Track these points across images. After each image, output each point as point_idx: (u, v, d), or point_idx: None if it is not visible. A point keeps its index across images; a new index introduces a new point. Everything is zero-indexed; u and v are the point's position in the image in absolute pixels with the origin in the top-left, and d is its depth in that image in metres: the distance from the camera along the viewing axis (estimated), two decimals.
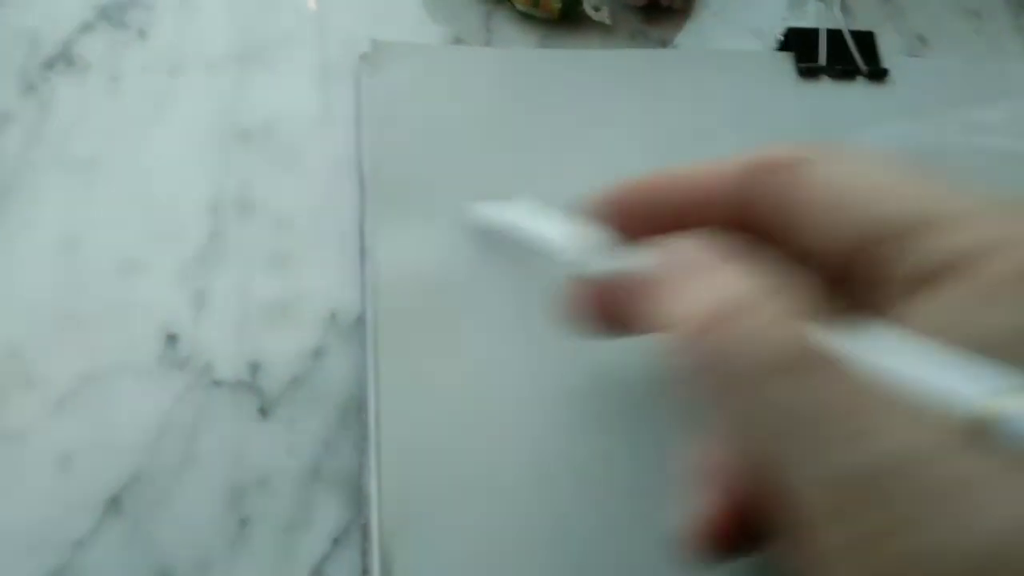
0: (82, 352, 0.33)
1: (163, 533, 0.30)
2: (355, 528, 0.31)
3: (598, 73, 0.41)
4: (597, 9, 0.45)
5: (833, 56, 0.43)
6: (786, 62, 0.43)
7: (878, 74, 0.43)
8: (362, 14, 0.43)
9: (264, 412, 0.33)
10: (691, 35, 0.46)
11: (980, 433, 0.17)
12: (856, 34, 0.44)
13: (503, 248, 0.34)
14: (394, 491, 0.30)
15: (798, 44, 0.43)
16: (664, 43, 0.45)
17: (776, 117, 0.41)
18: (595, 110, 0.40)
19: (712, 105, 0.41)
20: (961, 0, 0.49)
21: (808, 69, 0.42)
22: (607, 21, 0.45)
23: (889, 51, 0.45)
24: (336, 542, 0.31)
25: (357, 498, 0.31)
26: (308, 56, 0.42)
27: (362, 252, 0.36)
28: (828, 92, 0.42)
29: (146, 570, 0.30)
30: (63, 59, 0.41)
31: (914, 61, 0.45)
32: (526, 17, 0.45)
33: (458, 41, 0.43)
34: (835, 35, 0.43)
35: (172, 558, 0.30)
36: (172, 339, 0.34)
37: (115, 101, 0.40)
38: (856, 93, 0.42)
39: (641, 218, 0.27)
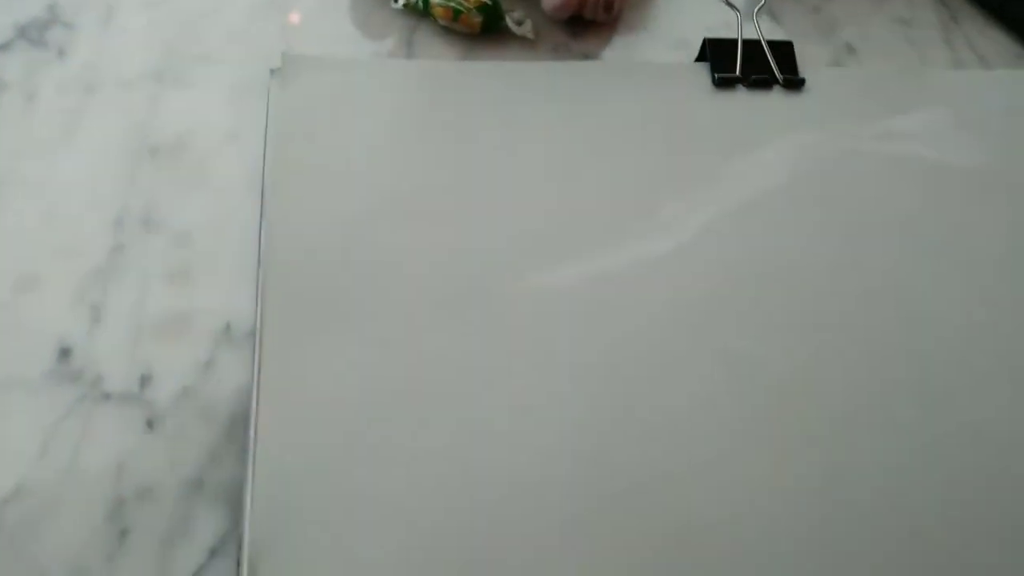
0: None
1: (41, 546, 0.30)
2: (232, 539, 0.31)
3: (517, 85, 0.41)
4: (520, 23, 0.45)
5: (750, 66, 0.42)
6: (703, 72, 0.43)
7: (794, 84, 0.43)
8: (285, 31, 0.44)
9: (151, 424, 0.33)
10: (616, 48, 0.46)
11: None
12: (776, 44, 0.43)
13: None
14: (265, 503, 0.30)
15: (716, 55, 0.43)
16: (587, 56, 0.45)
17: (691, 126, 0.41)
18: (512, 122, 0.40)
19: (629, 116, 0.41)
20: (892, 10, 0.49)
21: (724, 79, 0.42)
22: (530, 35, 0.45)
23: (814, 61, 0.45)
24: (213, 553, 0.30)
25: (237, 508, 0.31)
26: (227, 73, 0.42)
27: (259, 264, 0.36)
28: (743, 102, 0.42)
29: None
30: None
31: (833, 71, 0.45)
32: (448, 32, 0.45)
33: (379, 56, 0.43)
34: (753, 45, 0.43)
35: (48, 570, 0.30)
36: (65, 353, 0.34)
37: (29, 120, 0.40)
38: (772, 103, 0.42)
39: None
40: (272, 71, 0.40)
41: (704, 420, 0.33)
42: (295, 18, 0.44)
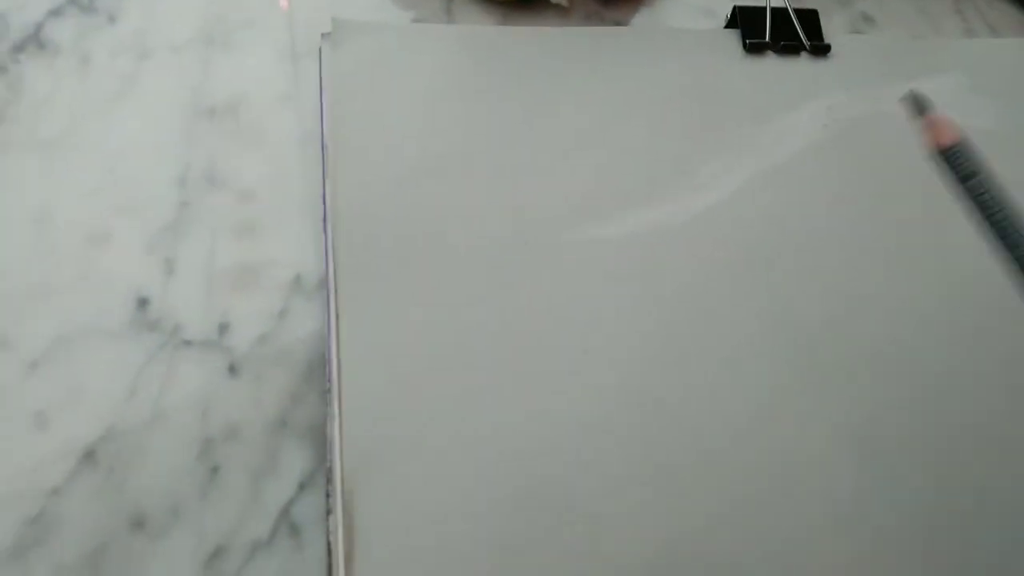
0: (54, 317, 0.35)
1: (136, 482, 0.32)
2: (320, 473, 0.32)
3: (554, 50, 0.43)
4: None
5: (778, 33, 0.44)
6: (733, 39, 0.45)
7: (821, 50, 0.45)
8: None
9: (232, 369, 0.34)
10: (645, 16, 0.48)
11: None
12: (801, 12, 0.45)
13: None
14: (356, 435, 0.31)
15: (745, 21, 0.45)
16: (619, 24, 0.47)
17: (723, 90, 0.43)
18: (549, 84, 0.41)
19: (663, 79, 0.42)
20: None
21: (754, 45, 0.44)
22: (564, 3, 0.47)
23: (835, 29, 0.47)
24: (302, 487, 0.32)
25: (322, 446, 0.33)
26: (272, 38, 0.43)
27: (324, 219, 0.37)
28: (773, 67, 0.44)
29: (120, 516, 0.31)
30: (33, 42, 0.42)
31: (855, 38, 0.47)
32: (485, 0, 0.46)
33: (418, 21, 0.45)
34: (780, 13, 0.45)
35: (145, 505, 0.31)
36: (143, 303, 0.35)
37: (84, 82, 0.41)
38: (800, 68, 0.44)
39: None
40: (323, 35, 0.42)
41: (744, 364, 0.35)
42: None
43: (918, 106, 0.32)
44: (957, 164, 0.30)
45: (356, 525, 0.30)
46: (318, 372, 0.34)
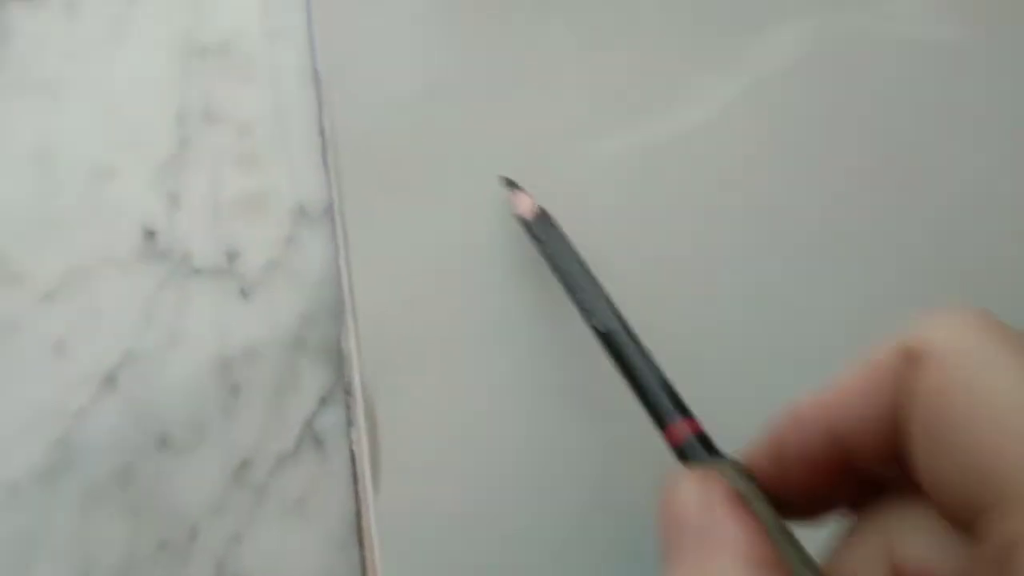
0: (64, 250, 0.35)
1: (158, 403, 0.33)
2: (339, 387, 0.33)
3: None
4: None
5: None
6: None
7: None
8: None
9: (244, 293, 0.35)
10: None
11: None
12: None
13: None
14: (372, 346, 0.32)
15: None
16: None
17: (709, 5, 0.44)
18: (530, 7, 0.42)
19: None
20: None
21: None
22: None
23: None
24: (323, 401, 0.33)
25: (339, 362, 0.34)
26: None
27: (323, 148, 0.38)
28: None
29: (145, 435, 0.32)
30: None
31: None
32: None
33: None
34: None
35: (169, 424, 0.32)
36: (150, 234, 0.36)
37: (74, 25, 0.42)
38: None
39: (798, 461, 0.21)
40: None
41: (741, 275, 0.37)
42: None
43: (509, 184, 0.36)
44: (533, 231, 0.34)
45: (379, 433, 0.31)
46: (329, 293, 0.35)
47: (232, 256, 0.36)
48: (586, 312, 0.30)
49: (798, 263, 0.37)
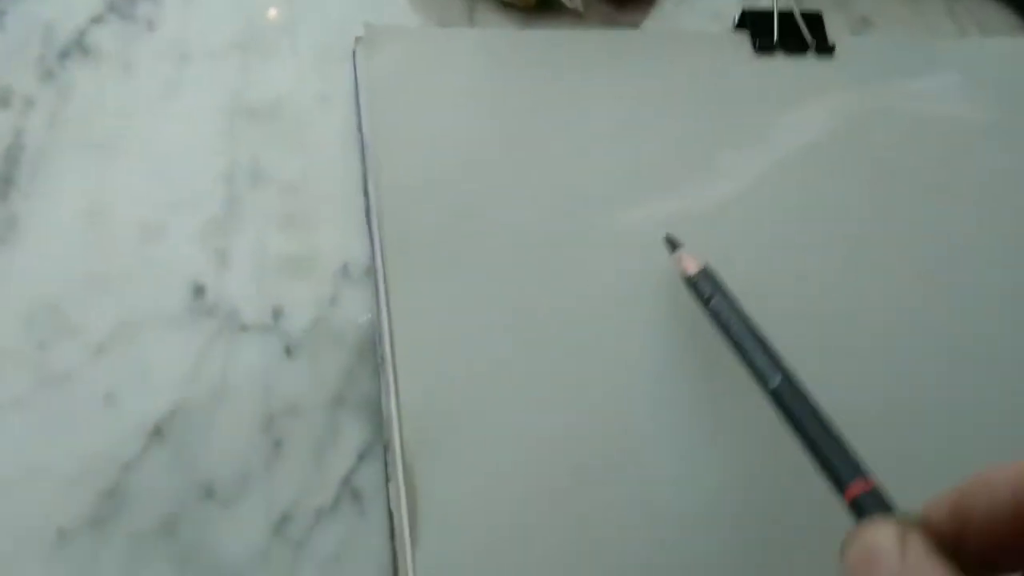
0: (115, 304, 0.37)
1: (204, 456, 0.34)
2: (378, 444, 0.34)
3: (573, 51, 0.45)
4: None
5: (784, 35, 0.47)
6: (742, 40, 0.47)
7: (826, 50, 0.47)
8: (348, 5, 0.47)
9: (289, 351, 0.36)
10: (657, 20, 0.50)
11: None
12: (805, 15, 0.48)
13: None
14: (413, 408, 0.33)
15: (753, 23, 0.47)
16: (632, 27, 0.50)
17: (735, 88, 0.45)
18: (570, 84, 0.44)
19: (678, 78, 0.45)
20: None
21: (763, 45, 0.47)
22: (579, 8, 0.49)
23: (836, 30, 0.50)
24: (361, 457, 0.34)
25: (378, 419, 0.35)
26: (304, 42, 0.46)
27: (367, 210, 0.39)
28: (781, 66, 0.47)
29: (190, 487, 0.33)
30: (78, 48, 0.44)
31: (858, 39, 0.50)
32: (505, 6, 0.49)
33: (443, 27, 0.47)
34: (786, 16, 0.48)
35: (214, 476, 0.33)
36: (199, 290, 0.37)
37: (129, 86, 0.43)
38: (806, 67, 0.47)
39: (982, 522, 0.22)
40: (357, 39, 0.44)
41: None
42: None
43: (672, 244, 0.38)
44: (698, 288, 0.35)
45: (418, 489, 0.32)
46: (369, 353, 0.36)
47: (277, 313, 0.37)
48: (757, 371, 0.31)
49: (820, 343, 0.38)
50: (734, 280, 0.38)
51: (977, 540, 0.22)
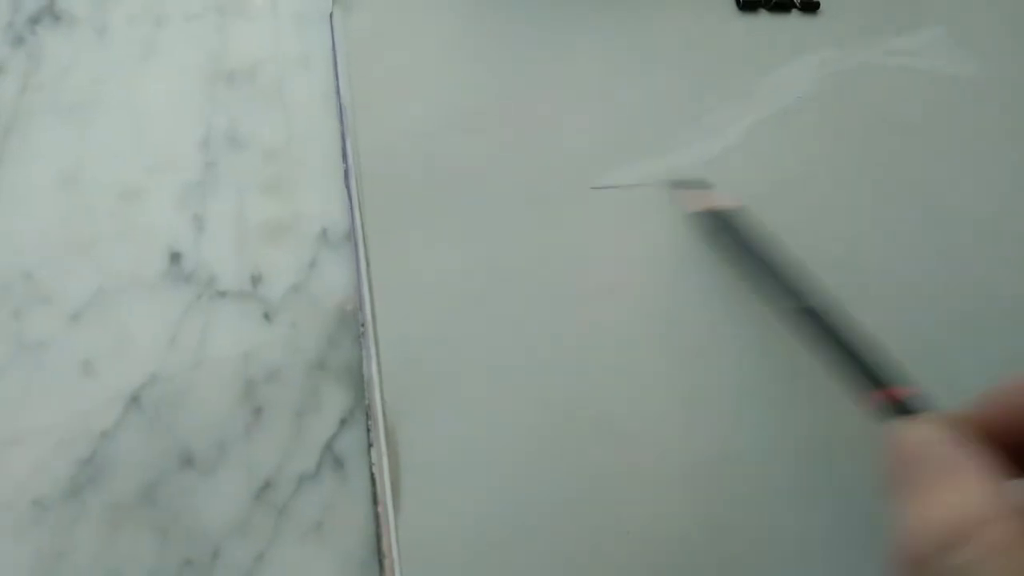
0: (92, 271, 0.36)
1: (183, 423, 0.33)
2: (360, 409, 0.34)
3: (557, 8, 0.44)
4: None
5: None
6: None
7: (811, 6, 0.47)
8: None
9: (268, 316, 0.36)
10: None
11: None
12: None
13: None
14: (394, 372, 0.33)
15: None
16: None
17: (720, 45, 0.45)
18: (554, 41, 0.43)
19: (663, 35, 0.44)
20: None
21: (747, 3, 0.46)
22: None
23: None
24: (343, 423, 0.34)
25: (360, 384, 0.34)
26: (283, 4, 0.45)
27: (346, 174, 0.39)
28: (765, 23, 0.46)
29: (168, 454, 0.33)
30: (48, 14, 0.43)
31: None
32: None
33: None
34: None
35: (192, 443, 0.33)
36: (176, 257, 0.37)
37: (103, 50, 0.42)
38: (791, 24, 0.46)
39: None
40: (334, 1, 0.43)
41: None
42: None
43: (687, 184, 0.40)
44: (720, 224, 0.37)
45: (400, 454, 0.32)
46: (350, 318, 0.36)
47: (256, 279, 0.36)
48: (789, 293, 0.33)
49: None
50: None
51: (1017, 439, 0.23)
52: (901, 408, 0.28)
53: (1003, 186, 0.42)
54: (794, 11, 0.46)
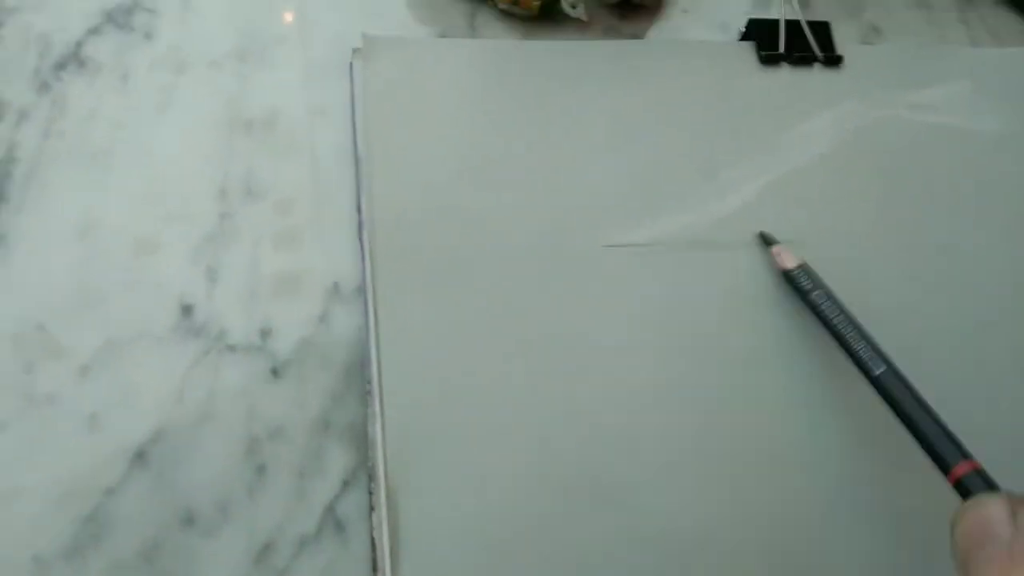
0: (103, 323, 0.36)
1: (186, 481, 0.33)
2: (362, 471, 0.34)
3: (575, 62, 0.44)
4: (574, 7, 0.48)
5: (791, 45, 0.46)
6: (748, 51, 0.46)
7: (833, 60, 0.46)
8: (349, 15, 0.47)
9: (275, 372, 0.36)
10: (661, 30, 0.49)
11: None
12: (813, 24, 0.47)
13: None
14: (397, 434, 0.33)
15: (760, 34, 0.46)
16: (636, 37, 0.49)
17: (740, 100, 0.44)
18: (572, 95, 0.43)
19: (682, 90, 0.44)
20: None
21: (769, 57, 0.46)
22: (583, 17, 0.48)
23: (845, 40, 0.49)
24: (345, 484, 0.34)
25: (364, 444, 0.34)
26: (302, 54, 0.45)
27: (360, 227, 0.39)
28: (787, 78, 0.45)
29: (171, 513, 0.33)
30: (74, 60, 0.43)
31: (865, 48, 0.48)
32: (507, 15, 0.48)
33: (444, 37, 0.46)
34: (793, 25, 0.47)
35: (195, 502, 0.33)
36: (187, 309, 0.37)
37: (125, 97, 0.43)
38: (813, 78, 0.46)
39: None
40: (354, 51, 0.43)
41: (771, 361, 0.37)
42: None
43: (766, 240, 0.40)
44: (798, 281, 0.38)
45: (400, 521, 0.31)
46: (357, 375, 0.36)
47: (265, 334, 0.36)
48: (861, 360, 0.34)
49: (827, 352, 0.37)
50: (737, 285, 0.38)
51: None
52: (963, 486, 0.29)
53: None
54: (816, 65, 0.46)
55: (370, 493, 0.33)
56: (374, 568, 0.31)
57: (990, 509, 0.25)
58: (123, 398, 0.35)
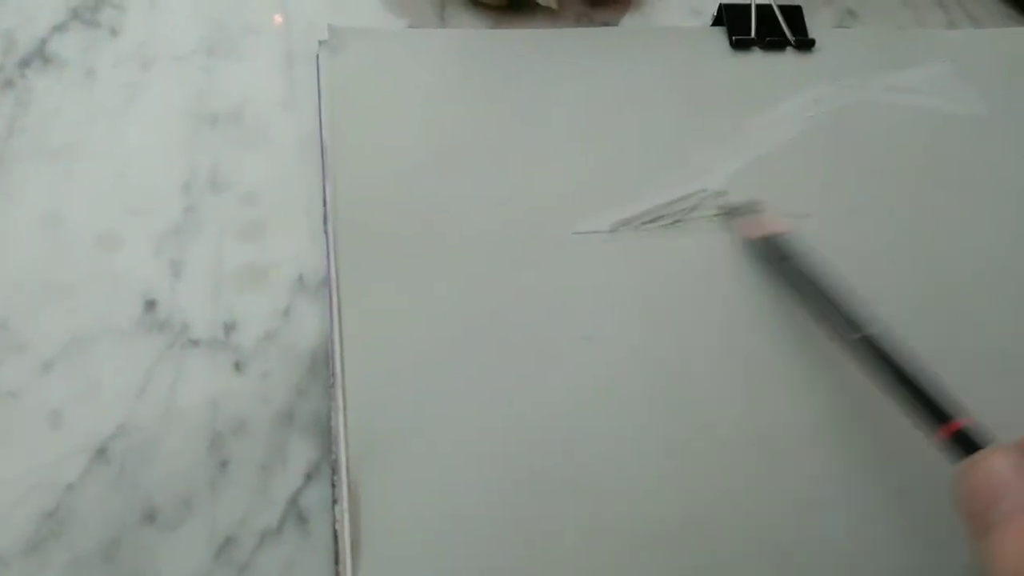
0: (66, 318, 0.36)
1: (148, 476, 0.33)
2: (326, 464, 0.33)
3: (546, 50, 0.44)
4: None
5: (763, 29, 0.46)
6: (720, 36, 0.46)
7: (805, 44, 0.46)
8: (320, 6, 0.46)
9: (239, 366, 0.35)
10: (633, 18, 0.49)
11: None
12: (785, 8, 0.47)
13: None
14: (359, 426, 0.32)
15: (731, 19, 0.46)
16: (608, 25, 0.48)
17: (712, 85, 0.44)
18: (541, 83, 0.43)
19: (653, 76, 0.44)
20: None
21: (740, 41, 0.45)
22: (554, 6, 0.48)
23: (820, 24, 0.48)
24: (308, 477, 0.33)
25: (327, 438, 0.34)
26: (270, 46, 0.45)
27: (325, 219, 0.38)
28: (759, 62, 0.45)
29: (133, 510, 0.32)
30: (39, 57, 0.43)
31: (839, 32, 0.48)
32: (477, 5, 0.48)
33: (413, 28, 0.46)
34: (765, 9, 0.46)
35: (157, 498, 0.32)
36: (151, 304, 0.36)
37: (90, 93, 0.43)
38: (785, 62, 0.45)
39: None
40: (320, 42, 0.43)
41: (740, 348, 0.36)
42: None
43: (743, 211, 0.40)
44: (781, 247, 0.38)
45: (362, 513, 0.31)
46: (322, 367, 0.35)
47: (229, 328, 0.36)
48: (845, 323, 0.34)
49: (796, 337, 0.37)
50: (711, 283, 0.38)
51: None
52: (963, 441, 0.28)
53: (1007, 234, 0.41)
54: (789, 49, 0.46)
55: (333, 486, 0.33)
56: (336, 560, 0.31)
57: (997, 462, 0.24)
58: (85, 394, 0.34)
